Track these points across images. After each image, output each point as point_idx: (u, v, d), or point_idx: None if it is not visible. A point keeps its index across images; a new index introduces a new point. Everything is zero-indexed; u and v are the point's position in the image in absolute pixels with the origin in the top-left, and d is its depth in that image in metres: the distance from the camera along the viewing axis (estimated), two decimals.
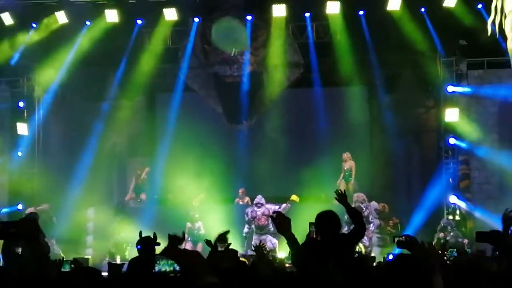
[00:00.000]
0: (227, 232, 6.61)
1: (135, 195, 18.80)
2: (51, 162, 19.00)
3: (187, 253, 5.30)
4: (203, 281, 3.14)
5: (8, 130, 18.47)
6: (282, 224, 5.72)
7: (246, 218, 17.27)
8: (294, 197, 17.32)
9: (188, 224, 17.19)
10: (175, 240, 5.31)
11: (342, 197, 6.49)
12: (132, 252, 15.15)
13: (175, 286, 5.02)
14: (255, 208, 17.19)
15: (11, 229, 4.54)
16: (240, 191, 18.38)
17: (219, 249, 6.68)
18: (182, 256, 4.94)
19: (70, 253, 16.34)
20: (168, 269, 12.93)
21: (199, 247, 16.85)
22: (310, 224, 6.94)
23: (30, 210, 15.99)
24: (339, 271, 5.16)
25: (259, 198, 17.29)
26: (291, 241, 5.75)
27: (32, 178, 18.46)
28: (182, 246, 16.84)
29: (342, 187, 17.94)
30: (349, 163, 18.19)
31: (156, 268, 12.61)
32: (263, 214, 17.02)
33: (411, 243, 6.33)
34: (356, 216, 6.46)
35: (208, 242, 6.64)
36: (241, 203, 18.18)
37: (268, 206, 17.15)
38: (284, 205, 16.95)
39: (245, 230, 17.26)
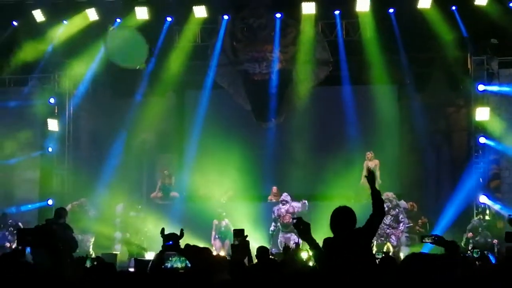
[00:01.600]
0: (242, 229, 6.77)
1: (162, 194, 18.89)
2: (81, 158, 19.20)
3: (198, 250, 5.33)
4: (216, 278, 3.15)
5: (39, 126, 18.65)
6: (302, 229, 5.87)
7: (273, 216, 17.27)
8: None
9: (215, 222, 17.24)
10: (170, 238, 5.37)
11: (371, 176, 6.52)
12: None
13: (187, 283, 5.06)
14: (280, 206, 17.19)
15: (27, 236, 4.60)
16: (274, 189, 18.33)
17: (235, 243, 6.77)
18: (194, 253, 4.97)
19: (99, 249, 16.53)
20: (180, 266, 12.94)
21: (226, 244, 16.93)
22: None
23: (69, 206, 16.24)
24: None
25: (285, 196, 17.28)
26: (312, 245, 5.89)
27: (62, 174, 18.66)
28: (212, 243, 16.89)
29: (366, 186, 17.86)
30: (373, 162, 18.12)
31: (168, 265, 12.70)
32: (287, 211, 17.01)
33: (440, 241, 6.32)
34: (378, 201, 6.40)
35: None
36: (274, 200, 18.15)
37: (294, 204, 17.14)
38: (301, 202, 16.96)
39: (272, 228, 17.25)
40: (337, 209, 6.24)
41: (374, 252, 11.11)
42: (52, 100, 18.56)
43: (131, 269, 13.03)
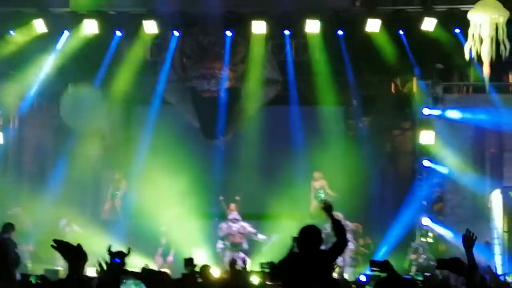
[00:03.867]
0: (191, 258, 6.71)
1: (111, 202, 18.73)
2: (24, 172, 18.86)
3: (156, 274, 5.26)
4: None
5: None
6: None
7: (221, 234, 17.17)
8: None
9: (163, 239, 17.27)
10: (118, 256, 5.28)
11: (328, 207, 6.56)
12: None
13: None
14: (230, 224, 17.12)
15: None
16: (233, 205, 18.05)
17: (185, 272, 6.67)
18: (151, 276, 4.89)
19: (41, 264, 16.19)
20: None
21: (169, 260, 16.99)
22: (294, 238, 6.96)
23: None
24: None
25: (235, 214, 17.23)
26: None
27: (4, 187, 18.26)
28: (155, 259, 16.68)
29: (314, 206, 18.01)
30: (319, 182, 18.25)
31: None
32: (238, 231, 16.97)
33: (385, 265, 6.37)
34: (340, 228, 6.48)
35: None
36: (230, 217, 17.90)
37: (243, 223, 17.11)
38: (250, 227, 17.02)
39: (220, 245, 17.12)
40: (306, 227, 6.30)
41: None
42: None
43: None
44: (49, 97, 19.11)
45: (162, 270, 11.25)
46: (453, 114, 17.55)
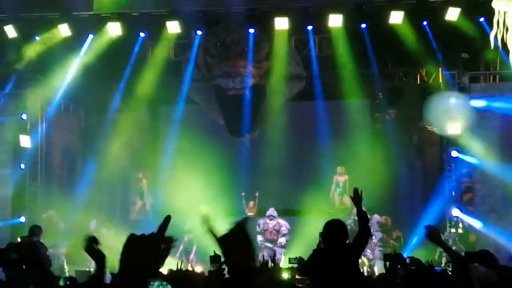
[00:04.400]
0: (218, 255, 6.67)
1: (140, 201, 18.89)
2: (53, 175, 19.05)
3: (182, 274, 5.27)
4: None
5: (11, 142, 18.45)
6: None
7: (258, 229, 17.28)
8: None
9: (186, 237, 17.35)
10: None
11: (357, 197, 6.57)
12: None
13: None
14: (267, 221, 17.26)
15: (12, 255, 4.48)
16: (251, 203, 18.21)
17: (211, 269, 6.67)
18: (179, 278, 4.90)
19: (73, 266, 16.36)
20: None
21: (191, 260, 17.14)
22: (321, 234, 6.97)
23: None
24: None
25: (272, 211, 17.37)
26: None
27: (35, 191, 18.46)
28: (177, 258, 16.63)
29: (336, 200, 18.02)
30: (342, 177, 18.23)
31: None
32: (274, 227, 17.11)
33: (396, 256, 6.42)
34: (364, 219, 6.49)
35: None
36: (251, 214, 18.04)
37: (280, 221, 17.27)
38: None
39: (260, 239, 17.21)
40: (331, 222, 6.33)
41: None
42: (24, 116, 18.38)
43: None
44: (76, 100, 19.29)
45: (189, 269, 11.30)
46: (480, 103, 17.41)
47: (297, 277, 9.97)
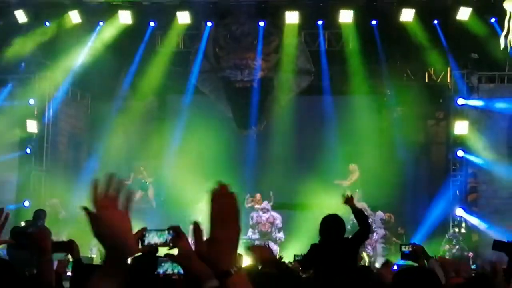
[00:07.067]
0: None
1: (140, 191, 18.87)
2: (59, 161, 19.08)
3: (193, 257, 5.24)
4: (204, 286, 3.14)
5: (18, 127, 18.50)
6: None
7: (251, 222, 17.29)
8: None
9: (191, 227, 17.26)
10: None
11: (349, 199, 6.61)
12: None
13: None
14: (261, 213, 17.22)
15: (24, 240, 4.55)
16: (258, 195, 18.13)
17: None
18: (188, 260, 4.88)
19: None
20: (172, 272, 12.88)
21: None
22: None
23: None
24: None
25: (265, 204, 17.33)
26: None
27: (40, 176, 18.51)
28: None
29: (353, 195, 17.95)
30: (356, 174, 18.22)
31: (161, 271, 12.62)
32: (267, 220, 17.07)
33: (416, 254, 6.36)
34: (362, 217, 6.52)
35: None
36: (256, 206, 18.02)
37: (273, 214, 17.20)
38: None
39: (249, 234, 17.25)
40: (328, 216, 6.33)
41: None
42: (32, 102, 18.41)
43: None
44: (83, 87, 19.32)
45: None
46: (488, 104, 17.37)
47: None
